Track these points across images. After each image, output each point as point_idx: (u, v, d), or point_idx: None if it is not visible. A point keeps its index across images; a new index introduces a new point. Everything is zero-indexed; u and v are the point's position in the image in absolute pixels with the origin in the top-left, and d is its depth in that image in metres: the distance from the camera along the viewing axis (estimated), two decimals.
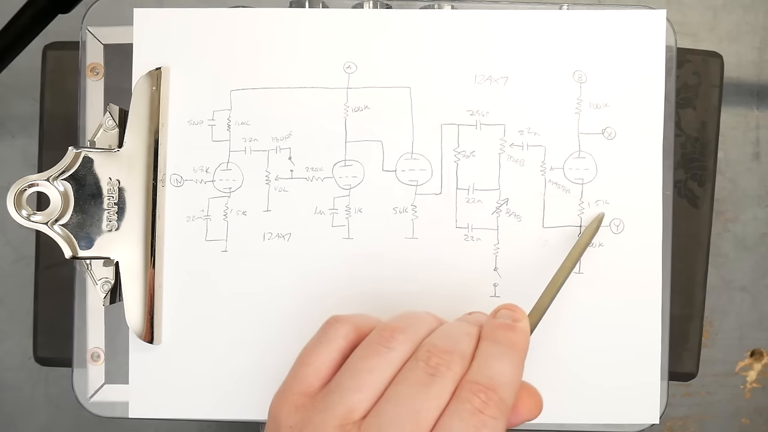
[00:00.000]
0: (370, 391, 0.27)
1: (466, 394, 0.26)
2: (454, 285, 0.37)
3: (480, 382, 0.27)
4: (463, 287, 0.37)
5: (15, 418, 0.59)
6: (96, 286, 0.36)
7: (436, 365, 0.27)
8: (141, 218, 0.36)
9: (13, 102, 0.58)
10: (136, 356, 0.37)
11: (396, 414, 0.26)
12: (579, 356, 0.37)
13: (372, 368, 0.27)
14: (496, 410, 0.26)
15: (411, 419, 0.26)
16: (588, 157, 0.37)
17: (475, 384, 0.27)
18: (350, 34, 0.37)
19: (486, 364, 0.27)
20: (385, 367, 0.27)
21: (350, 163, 0.37)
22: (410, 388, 0.26)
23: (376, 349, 0.28)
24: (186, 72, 0.37)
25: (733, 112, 0.57)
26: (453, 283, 0.37)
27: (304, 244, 0.37)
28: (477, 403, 0.26)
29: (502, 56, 0.37)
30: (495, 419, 0.26)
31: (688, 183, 0.43)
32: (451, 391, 0.27)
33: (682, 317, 0.42)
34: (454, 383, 0.27)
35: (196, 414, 0.37)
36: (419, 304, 0.36)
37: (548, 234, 0.37)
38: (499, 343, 0.28)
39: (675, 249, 0.37)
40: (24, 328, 0.58)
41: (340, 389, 0.27)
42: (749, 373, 0.58)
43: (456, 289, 0.37)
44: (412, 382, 0.27)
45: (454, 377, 0.27)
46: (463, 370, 0.27)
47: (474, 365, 0.27)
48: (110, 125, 0.37)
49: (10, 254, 0.58)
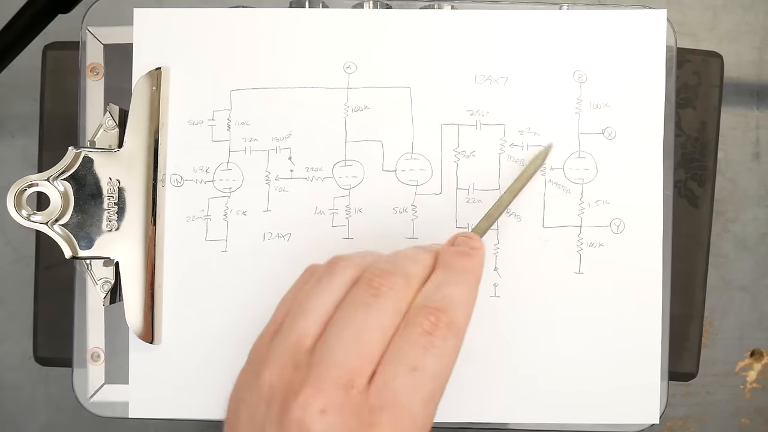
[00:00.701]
0: (315, 316, 0.27)
1: (416, 317, 0.26)
2: None
3: (429, 305, 0.27)
4: None
5: (15, 418, 0.59)
6: (96, 286, 0.36)
7: (378, 285, 0.27)
8: (141, 218, 0.36)
9: (13, 102, 0.57)
10: (136, 356, 0.37)
11: (341, 337, 0.26)
12: (579, 356, 0.37)
13: (316, 294, 0.28)
14: (445, 331, 0.26)
15: (355, 340, 0.25)
16: (588, 157, 0.37)
17: (424, 307, 0.26)
18: (350, 34, 0.37)
19: (437, 288, 0.27)
20: (328, 292, 0.27)
21: (350, 163, 0.37)
22: (353, 310, 0.26)
23: (321, 277, 0.28)
24: (186, 72, 0.37)
25: (733, 112, 0.57)
26: None
27: (304, 244, 0.37)
28: (426, 326, 0.26)
29: (502, 56, 0.37)
30: (444, 339, 0.26)
31: (688, 183, 0.43)
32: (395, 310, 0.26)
33: (682, 317, 0.42)
34: (397, 302, 0.27)
35: (196, 414, 0.37)
36: None
37: (548, 234, 0.37)
38: (453, 270, 0.28)
39: (675, 249, 0.37)
40: (24, 328, 0.58)
41: (290, 320, 0.27)
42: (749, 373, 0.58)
43: None
44: (355, 305, 0.27)
45: (396, 296, 0.27)
46: (408, 289, 0.27)
47: (425, 290, 0.27)
48: (110, 125, 0.37)
49: (10, 254, 0.58)
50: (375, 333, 0.26)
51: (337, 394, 0.24)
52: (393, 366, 0.25)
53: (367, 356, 0.25)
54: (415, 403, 0.25)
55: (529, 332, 0.37)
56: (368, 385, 0.25)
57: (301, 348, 0.26)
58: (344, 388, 0.25)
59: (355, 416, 0.24)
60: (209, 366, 0.37)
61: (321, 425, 0.24)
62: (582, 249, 0.37)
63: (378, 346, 0.26)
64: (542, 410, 0.37)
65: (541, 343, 0.37)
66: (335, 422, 0.24)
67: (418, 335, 0.26)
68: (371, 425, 0.24)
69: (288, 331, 0.27)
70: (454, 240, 0.30)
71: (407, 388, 0.25)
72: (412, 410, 0.25)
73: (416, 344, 0.25)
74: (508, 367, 0.37)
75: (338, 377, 0.25)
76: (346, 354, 0.25)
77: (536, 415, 0.37)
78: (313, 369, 0.25)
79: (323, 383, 0.25)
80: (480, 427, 0.38)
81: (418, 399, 0.25)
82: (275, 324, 0.28)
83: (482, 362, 0.37)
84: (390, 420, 0.24)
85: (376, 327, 0.26)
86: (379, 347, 0.26)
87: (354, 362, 0.25)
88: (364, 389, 0.25)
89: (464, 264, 0.28)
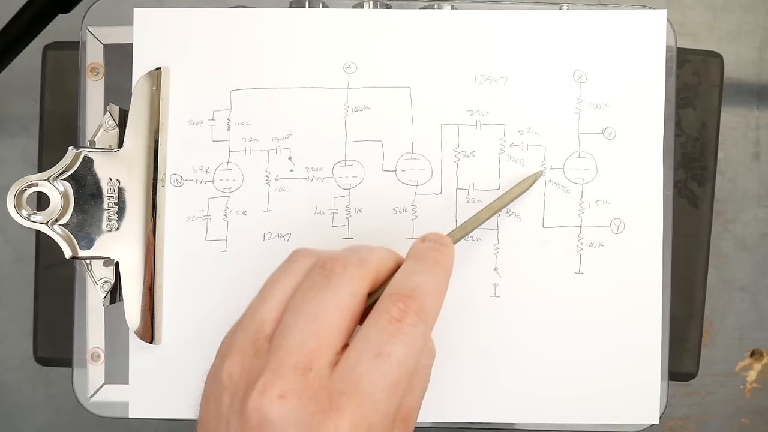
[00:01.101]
0: (274, 301, 0.27)
1: (385, 304, 0.26)
2: (454, 285, 0.37)
3: (399, 291, 0.26)
4: (463, 287, 0.37)
5: (15, 418, 0.59)
6: (96, 286, 0.36)
7: (332, 267, 0.27)
8: (141, 218, 0.36)
9: (13, 102, 0.57)
10: (136, 356, 0.37)
11: (297, 320, 0.25)
12: (578, 356, 0.37)
13: (274, 281, 0.27)
14: (415, 317, 0.25)
15: (311, 322, 0.25)
16: (588, 157, 0.37)
17: (394, 294, 0.26)
18: (350, 34, 0.37)
19: (407, 277, 0.27)
20: (286, 277, 0.27)
21: (350, 163, 0.37)
22: (308, 292, 0.26)
23: (282, 266, 0.28)
24: (186, 72, 0.37)
25: (733, 112, 0.57)
26: (453, 283, 0.36)
27: (304, 244, 0.37)
28: (395, 312, 0.25)
29: (502, 56, 0.37)
30: (413, 326, 0.25)
31: (688, 183, 0.43)
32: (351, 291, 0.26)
33: (682, 317, 0.42)
34: (352, 283, 0.26)
35: (196, 414, 0.37)
36: None
37: (548, 234, 0.37)
38: (422, 260, 0.28)
39: (675, 249, 0.37)
40: (24, 328, 0.58)
41: (251, 308, 0.27)
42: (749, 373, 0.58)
43: (456, 289, 0.37)
44: (310, 287, 0.26)
45: (350, 277, 0.26)
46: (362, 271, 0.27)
47: (394, 278, 0.27)
48: (110, 125, 0.37)
49: (10, 254, 0.58)
50: (331, 314, 0.25)
51: (295, 379, 0.24)
52: (357, 351, 0.25)
53: (325, 338, 0.25)
54: (378, 390, 0.24)
55: (528, 332, 0.37)
56: (330, 369, 0.25)
57: (260, 335, 0.26)
58: (302, 372, 0.24)
59: (315, 400, 0.24)
60: (209, 366, 0.37)
61: (280, 411, 0.23)
62: (582, 249, 0.37)
63: (336, 327, 0.25)
64: (542, 410, 0.37)
65: (540, 343, 0.37)
66: (294, 407, 0.23)
67: (385, 321, 0.25)
68: (332, 410, 0.24)
69: (248, 320, 0.27)
70: (425, 237, 0.30)
71: (371, 373, 0.24)
72: (375, 396, 0.24)
73: (383, 330, 0.25)
74: (508, 367, 0.37)
75: (296, 361, 0.24)
76: (302, 336, 0.25)
77: (536, 415, 0.37)
78: (272, 354, 0.25)
79: (281, 368, 0.24)
80: (480, 427, 0.38)
81: (382, 385, 0.24)
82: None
83: (482, 362, 0.37)
84: (351, 405, 0.24)
85: (331, 308, 0.25)
86: (337, 328, 0.25)
87: (311, 344, 0.25)
88: (325, 373, 0.24)
89: (435, 256, 0.28)
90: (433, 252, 0.28)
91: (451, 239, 0.30)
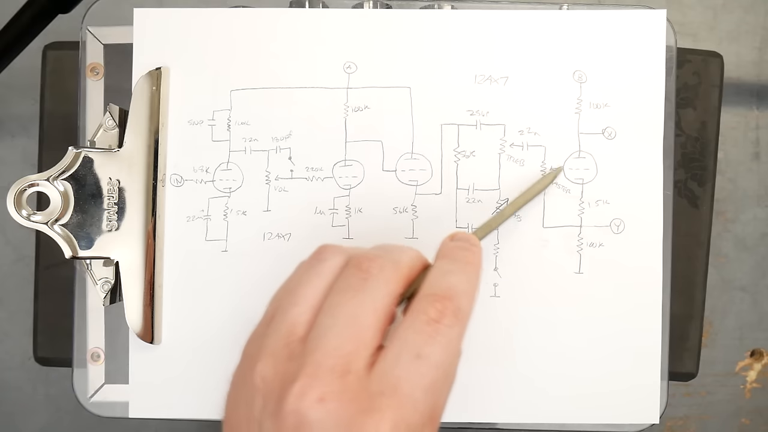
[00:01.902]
0: (306, 303, 0.26)
1: (422, 305, 0.26)
2: None
3: (436, 292, 0.26)
4: None
5: (15, 418, 0.59)
6: (96, 286, 0.36)
7: (367, 268, 0.27)
8: (141, 218, 0.36)
9: (13, 102, 0.57)
10: (136, 356, 0.37)
11: (334, 322, 0.25)
12: (579, 356, 0.37)
13: (305, 281, 0.27)
14: (452, 318, 0.26)
15: (348, 324, 0.25)
16: (588, 157, 0.37)
17: (430, 295, 0.26)
18: (350, 34, 0.37)
19: (442, 277, 0.27)
20: (317, 278, 0.27)
21: (350, 163, 0.37)
22: (344, 294, 0.26)
23: (310, 264, 0.28)
24: (186, 72, 0.37)
25: (733, 112, 0.57)
26: None
27: (304, 244, 0.37)
28: (432, 313, 0.25)
29: (502, 56, 0.37)
30: (450, 327, 0.25)
31: (688, 183, 0.43)
32: (387, 293, 0.26)
33: (682, 317, 0.42)
34: (388, 285, 0.26)
35: (196, 414, 0.37)
36: None
37: (548, 234, 0.37)
38: (455, 260, 0.28)
39: (675, 249, 0.37)
40: (24, 328, 0.58)
41: (281, 309, 0.27)
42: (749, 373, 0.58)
43: None
44: (346, 288, 0.26)
45: (387, 279, 0.26)
46: (397, 273, 0.27)
47: (430, 279, 0.27)
48: (110, 125, 0.37)
49: (10, 254, 0.58)
50: (368, 316, 0.25)
51: (334, 381, 0.24)
52: (396, 352, 0.25)
53: (362, 340, 0.25)
54: (417, 390, 0.24)
55: (529, 332, 0.37)
56: (367, 370, 0.25)
57: (293, 337, 0.26)
58: (341, 374, 0.24)
59: (354, 402, 0.24)
60: (209, 366, 0.37)
61: (319, 413, 0.23)
62: (582, 249, 0.37)
63: (372, 329, 0.25)
64: (542, 410, 0.37)
65: (541, 343, 0.37)
66: (334, 409, 0.23)
67: (423, 323, 0.25)
68: (371, 411, 0.24)
69: (280, 322, 0.26)
70: (453, 236, 0.30)
71: (410, 374, 0.24)
72: (414, 397, 0.24)
73: (421, 331, 0.25)
74: (508, 367, 0.37)
75: (334, 364, 0.24)
76: (340, 339, 0.25)
77: (536, 415, 0.37)
78: (308, 357, 0.24)
79: (319, 371, 0.24)
80: (480, 427, 0.37)
81: (421, 386, 0.24)
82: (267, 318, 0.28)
83: (482, 362, 0.37)
84: (391, 406, 0.24)
85: (368, 310, 0.25)
86: (373, 331, 0.25)
87: (348, 346, 0.25)
88: (363, 374, 0.24)
89: (466, 256, 0.28)
90: (464, 251, 0.29)
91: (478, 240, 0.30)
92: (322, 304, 0.26)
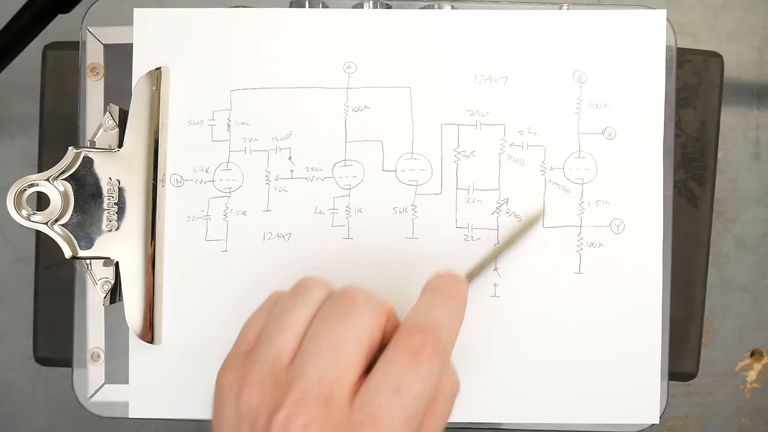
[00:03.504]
0: (292, 331, 0.27)
1: (403, 336, 0.26)
2: None
3: (418, 323, 0.27)
4: None
5: (15, 418, 0.59)
6: (96, 286, 0.36)
7: (353, 297, 0.27)
8: (141, 218, 0.36)
9: (13, 102, 0.57)
10: (136, 356, 0.37)
11: (318, 350, 0.26)
12: (579, 356, 0.37)
13: (291, 309, 0.28)
14: (432, 351, 0.26)
15: (333, 352, 0.26)
16: (588, 157, 0.37)
17: (412, 326, 0.27)
18: (350, 34, 0.37)
19: (424, 310, 0.28)
20: (304, 306, 0.28)
21: (350, 163, 0.37)
22: (329, 321, 0.27)
23: (296, 292, 0.28)
24: (186, 72, 0.37)
25: (733, 112, 0.57)
26: None
27: (304, 244, 0.37)
28: (414, 344, 0.26)
29: (502, 56, 0.37)
30: (430, 360, 0.26)
31: (688, 183, 0.43)
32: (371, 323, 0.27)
33: (682, 317, 0.42)
34: (373, 315, 0.27)
35: (196, 414, 0.37)
36: None
37: (548, 234, 0.37)
38: (439, 294, 0.28)
39: (675, 249, 0.37)
40: (24, 328, 0.58)
41: (266, 337, 0.27)
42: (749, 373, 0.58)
43: None
44: (330, 316, 0.27)
45: (372, 309, 0.27)
46: (380, 306, 0.27)
47: (413, 312, 0.28)
48: (110, 125, 0.37)
49: (10, 254, 0.58)
50: (352, 345, 0.26)
51: (318, 410, 0.25)
52: (377, 384, 0.25)
53: (345, 368, 0.26)
54: (397, 422, 0.25)
55: (528, 332, 0.37)
56: (350, 399, 0.25)
57: (278, 365, 0.26)
58: (324, 403, 0.25)
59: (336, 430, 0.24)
60: (209, 366, 0.37)
61: None
62: (582, 249, 0.37)
63: (355, 357, 0.26)
64: (542, 410, 0.37)
65: (540, 343, 0.37)
66: None
67: (403, 354, 0.26)
68: None
69: (266, 349, 0.27)
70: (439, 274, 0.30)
71: (390, 406, 0.25)
72: (393, 428, 0.25)
73: (402, 364, 0.26)
74: (508, 367, 0.37)
75: (318, 392, 0.25)
76: (324, 366, 0.25)
77: (536, 415, 0.37)
78: (293, 385, 0.25)
79: (304, 398, 0.25)
80: (480, 427, 0.38)
81: (401, 417, 0.25)
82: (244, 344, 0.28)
83: (482, 362, 0.37)
84: None
85: (353, 339, 0.26)
86: (356, 359, 0.26)
87: (332, 375, 0.25)
88: (345, 403, 0.25)
89: (450, 290, 0.29)
90: (448, 286, 0.29)
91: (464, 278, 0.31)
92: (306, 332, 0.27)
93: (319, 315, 0.27)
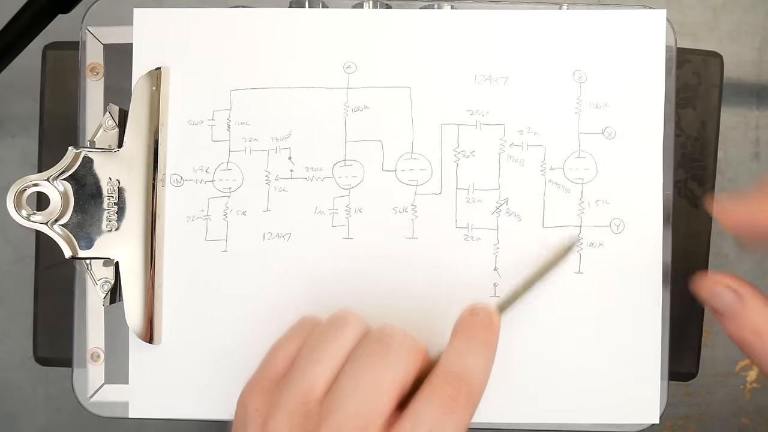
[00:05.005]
0: (327, 365, 0.27)
1: (440, 381, 0.27)
2: (454, 284, 0.37)
3: (454, 371, 0.27)
4: (463, 287, 0.37)
5: (15, 418, 0.59)
6: (96, 286, 0.36)
7: (389, 341, 0.27)
8: (141, 218, 0.36)
9: (13, 102, 0.57)
10: (136, 356, 0.37)
11: (355, 385, 0.26)
12: (578, 356, 0.37)
13: (330, 340, 0.28)
14: (466, 400, 0.26)
15: (369, 390, 0.26)
16: (588, 156, 0.37)
17: (450, 373, 0.27)
18: (350, 34, 0.37)
19: (460, 357, 0.28)
20: (342, 338, 0.28)
21: (350, 163, 0.37)
22: (367, 359, 0.27)
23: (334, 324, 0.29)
24: (186, 72, 0.37)
25: (733, 112, 0.57)
26: (453, 283, 0.37)
27: (304, 244, 0.37)
28: (450, 391, 0.26)
29: (502, 56, 0.37)
30: (463, 409, 0.26)
31: (688, 183, 0.43)
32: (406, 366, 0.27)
33: (682, 317, 0.42)
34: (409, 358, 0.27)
35: (196, 414, 0.37)
36: (419, 304, 0.36)
37: (548, 234, 0.37)
38: (474, 341, 0.29)
39: (675, 249, 0.37)
40: (24, 328, 0.57)
41: (300, 367, 0.27)
42: (749, 373, 0.58)
43: (456, 289, 0.37)
44: (369, 353, 0.27)
45: (408, 353, 0.27)
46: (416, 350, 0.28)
47: (448, 356, 0.28)
48: (110, 125, 0.37)
49: (10, 254, 0.58)
50: (388, 384, 0.26)
51: None
52: (412, 424, 0.26)
53: (380, 407, 0.26)
54: None
55: (528, 332, 0.37)
56: None
57: (311, 396, 0.26)
58: None
59: None
60: (209, 366, 0.37)
61: None
62: (582, 249, 0.37)
63: (388, 397, 0.26)
64: (542, 410, 0.37)
65: (540, 343, 0.37)
66: None
67: (440, 398, 0.26)
68: None
69: (299, 377, 0.27)
70: (473, 310, 0.30)
71: None
72: None
73: (438, 407, 0.26)
74: (507, 367, 0.37)
75: (354, 426, 0.25)
76: (360, 403, 0.25)
77: (536, 415, 0.37)
78: (328, 419, 0.25)
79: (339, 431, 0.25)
80: (480, 427, 0.37)
81: None
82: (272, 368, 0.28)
83: None
84: None
85: (389, 379, 0.26)
86: (389, 399, 0.26)
87: (367, 412, 0.25)
88: None
89: (484, 336, 0.29)
90: (483, 331, 0.29)
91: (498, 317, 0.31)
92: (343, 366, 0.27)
93: (357, 352, 0.27)
